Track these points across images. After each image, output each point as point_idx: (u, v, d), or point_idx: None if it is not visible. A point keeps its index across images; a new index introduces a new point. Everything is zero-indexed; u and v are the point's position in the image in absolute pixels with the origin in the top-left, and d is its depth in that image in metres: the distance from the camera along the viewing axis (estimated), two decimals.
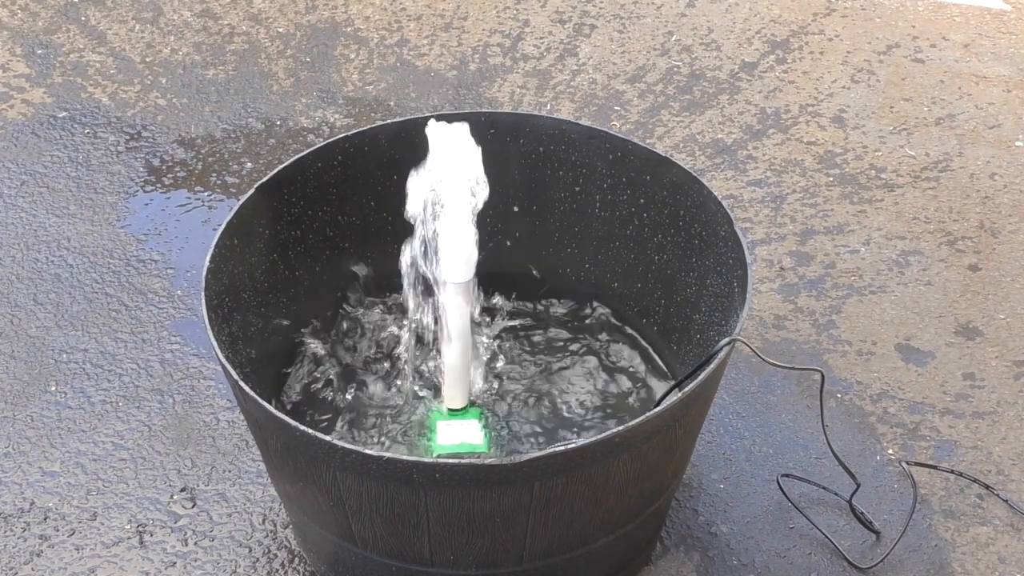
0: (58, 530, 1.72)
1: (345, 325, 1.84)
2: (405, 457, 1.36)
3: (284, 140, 2.40)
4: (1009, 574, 1.67)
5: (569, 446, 1.34)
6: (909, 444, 1.83)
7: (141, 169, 2.34)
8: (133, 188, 2.30)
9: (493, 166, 1.51)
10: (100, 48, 2.64)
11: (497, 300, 1.88)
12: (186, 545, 1.69)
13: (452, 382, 1.62)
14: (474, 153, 1.47)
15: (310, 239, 1.74)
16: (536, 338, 1.84)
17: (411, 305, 1.62)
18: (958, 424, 1.86)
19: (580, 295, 1.87)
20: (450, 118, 1.51)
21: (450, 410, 1.64)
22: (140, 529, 1.71)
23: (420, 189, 1.49)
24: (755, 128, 2.42)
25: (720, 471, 1.79)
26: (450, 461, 1.35)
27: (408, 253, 1.55)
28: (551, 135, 1.75)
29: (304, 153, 1.69)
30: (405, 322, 1.81)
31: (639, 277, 1.79)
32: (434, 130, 1.48)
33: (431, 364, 1.77)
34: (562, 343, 1.83)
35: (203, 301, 1.49)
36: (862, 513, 1.71)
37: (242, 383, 1.38)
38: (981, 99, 2.50)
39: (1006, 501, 1.75)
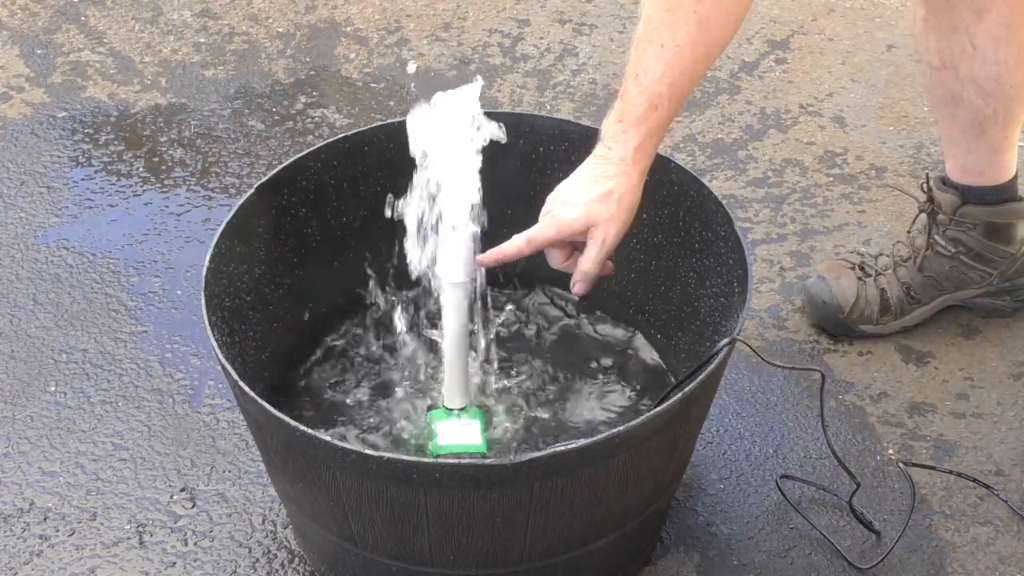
0: (58, 530, 1.72)
1: (348, 327, 1.84)
2: (405, 457, 1.37)
3: (284, 140, 2.40)
4: (1009, 574, 1.66)
5: (569, 446, 1.34)
6: (909, 444, 1.83)
7: (141, 169, 2.34)
8: (133, 188, 2.30)
9: (492, 166, 1.51)
10: (100, 48, 2.64)
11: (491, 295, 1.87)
12: (186, 545, 1.69)
13: (452, 382, 1.62)
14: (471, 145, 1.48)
15: (310, 239, 1.74)
16: (534, 338, 1.84)
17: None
18: (958, 424, 1.86)
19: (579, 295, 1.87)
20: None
21: (450, 410, 1.64)
22: (140, 529, 1.71)
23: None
24: (755, 128, 2.42)
25: (720, 471, 1.79)
26: (450, 461, 1.35)
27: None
28: (551, 135, 1.75)
29: (304, 153, 1.70)
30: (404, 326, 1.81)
31: (639, 277, 1.79)
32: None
33: (431, 365, 1.77)
34: (560, 343, 1.83)
35: (203, 301, 1.49)
36: (862, 513, 1.71)
37: (242, 383, 1.38)
38: None
39: (1006, 502, 1.75)
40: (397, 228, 1.68)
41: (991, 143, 1.83)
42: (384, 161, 1.72)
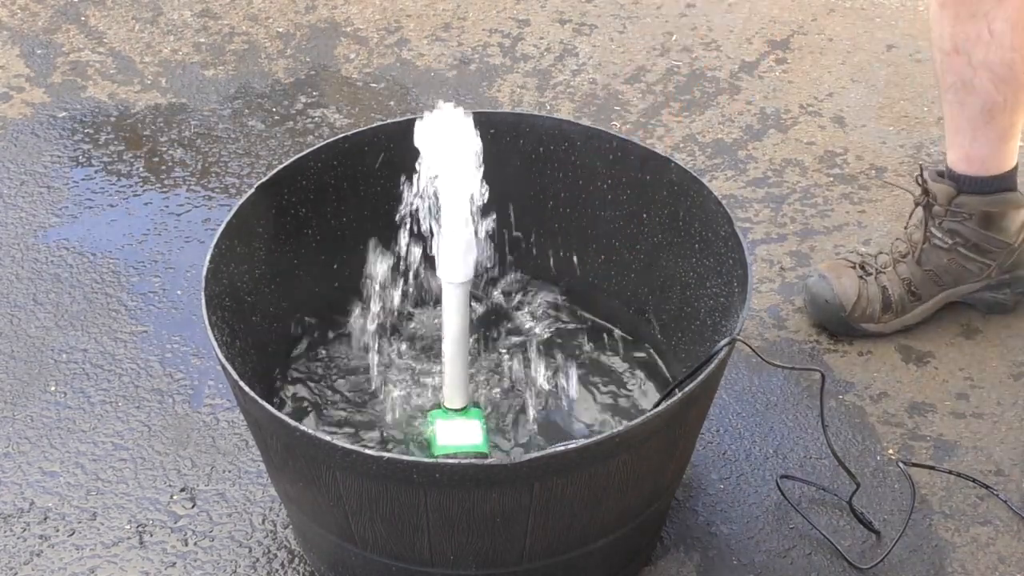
0: (58, 530, 1.72)
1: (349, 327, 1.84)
2: (405, 457, 1.37)
3: (284, 140, 2.40)
4: (1009, 574, 1.67)
5: (569, 446, 1.34)
6: (909, 444, 1.83)
7: (141, 169, 2.34)
8: (133, 188, 2.30)
9: (493, 166, 1.51)
10: (100, 48, 2.64)
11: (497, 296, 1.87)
12: (186, 545, 1.69)
13: (451, 382, 1.62)
14: (472, 147, 1.46)
15: (310, 239, 1.74)
16: (532, 339, 1.84)
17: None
18: (958, 424, 1.86)
19: (579, 295, 1.87)
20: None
21: (450, 410, 1.64)
22: (140, 529, 1.71)
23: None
24: (755, 128, 2.42)
25: (719, 471, 1.79)
26: (450, 461, 1.35)
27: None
28: (551, 135, 1.75)
29: (304, 153, 1.70)
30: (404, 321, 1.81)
31: (639, 277, 1.79)
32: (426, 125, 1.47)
33: (431, 364, 1.77)
34: (559, 344, 1.83)
35: (203, 301, 1.49)
36: (862, 513, 1.71)
37: (242, 383, 1.38)
38: None
39: (1005, 502, 1.75)
40: (397, 228, 1.68)
41: (998, 131, 1.83)
42: (384, 161, 1.72)
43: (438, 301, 1.59)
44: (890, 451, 1.82)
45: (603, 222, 1.79)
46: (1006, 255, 1.95)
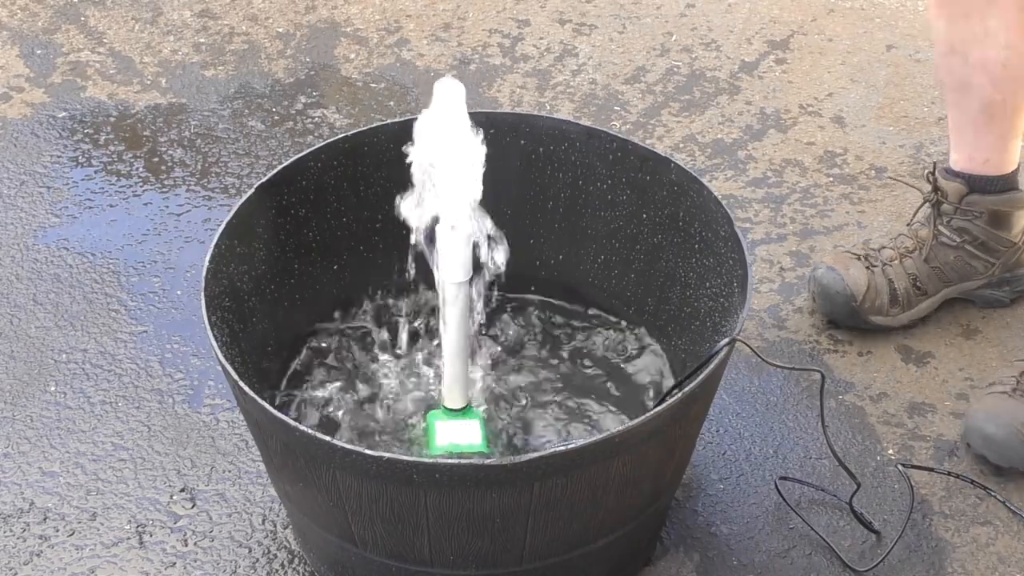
0: (58, 530, 1.72)
1: (349, 327, 1.84)
2: (405, 457, 1.36)
3: (284, 140, 2.40)
4: (1009, 574, 1.67)
5: (569, 446, 1.34)
6: (909, 444, 1.83)
7: (141, 169, 2.34)
8: (133, 188, 2.30)
9: (492, 166, 1.51)
10: (100, 48, 2.64)
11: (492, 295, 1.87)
12: (186, 545, 1.69)
13: (451, 382, 1.62)
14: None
15: (310, 239, 1.74)
16: (532, 339, 1.84)
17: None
18: (958, 424, 1.86)
19: (578, 295, 1.87)
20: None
21: (449, 410, 1.64)
22: (140, 529, 1.71)
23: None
24: (755, 128, 2.42)
25: (720, 471, 1.79)
26: (450, 461, 1.35)
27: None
28: (551, 135, 1.75)
29: (304, 153, 1.70)
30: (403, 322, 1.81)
31: (639, 277, 1.79)
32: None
33: (431, 364, 1.77)
34: (559, 344, 1.83)
35: (203, 301, 1.49)
36: (862, 514, 1.71)
37: (242, 383, 1.38)
38: None
39: (1004, 503, 1.75)
40: (397, 228, 1.68)
41: (998, 131, 1.85)
42: (384, 161, 1.72)
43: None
44: (890, 451, 1.82)
45: (603, 222, 1.79)
46: (1010, 254, 1.96)
